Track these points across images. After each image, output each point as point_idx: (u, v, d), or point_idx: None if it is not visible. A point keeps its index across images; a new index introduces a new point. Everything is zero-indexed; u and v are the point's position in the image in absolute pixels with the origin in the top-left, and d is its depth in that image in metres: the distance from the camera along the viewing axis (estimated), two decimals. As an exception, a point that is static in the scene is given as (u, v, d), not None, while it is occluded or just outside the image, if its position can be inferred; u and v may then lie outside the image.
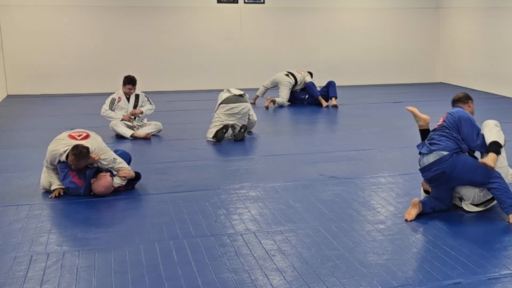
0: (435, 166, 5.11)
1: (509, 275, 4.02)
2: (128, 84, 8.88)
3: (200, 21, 14.07)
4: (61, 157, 5.76)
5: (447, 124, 5.26)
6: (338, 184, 6.20)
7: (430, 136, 5.33)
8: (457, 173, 5.10)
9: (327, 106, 11.57)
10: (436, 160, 5.11)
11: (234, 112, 8.48)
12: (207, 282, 3.94)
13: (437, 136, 5.24)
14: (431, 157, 5.15)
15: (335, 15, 14.86)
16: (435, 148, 5.15)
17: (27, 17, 13.07)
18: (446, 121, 5.30)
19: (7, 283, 3.94)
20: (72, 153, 5.67)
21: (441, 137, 5.20)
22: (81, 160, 5.69)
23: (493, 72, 13.35)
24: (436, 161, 5.11)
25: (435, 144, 5.18)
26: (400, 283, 3.90)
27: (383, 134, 8.90)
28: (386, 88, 14.37)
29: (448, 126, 5.25)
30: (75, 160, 5.68)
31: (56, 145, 5.85)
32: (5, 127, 9.55)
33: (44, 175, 5.98)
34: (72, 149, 5.70)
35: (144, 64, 13.62)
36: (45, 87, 13.23)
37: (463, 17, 14.51)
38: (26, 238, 4.75)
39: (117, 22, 13.64)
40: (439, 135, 5.23)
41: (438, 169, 5.10)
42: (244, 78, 14.25)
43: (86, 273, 4.10)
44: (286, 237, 4.72)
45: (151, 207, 5.55)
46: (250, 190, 6.01)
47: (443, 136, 5.20)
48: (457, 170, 5.08)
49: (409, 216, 5.12)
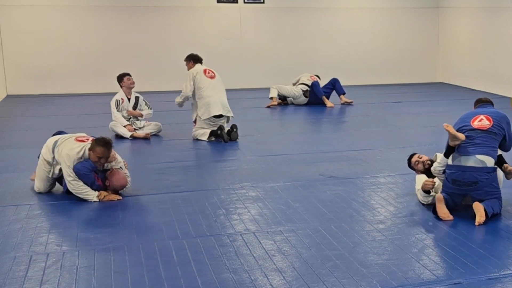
0: (474, 172, 5.00)
1: (509, 275, 4.01)
2: (125, 76, 8.83)
3: (200, 21, 14.07)
4: (78, 156, 5.60)
5: (497, 130, 5.16)
6: (338, 184, 6.20)
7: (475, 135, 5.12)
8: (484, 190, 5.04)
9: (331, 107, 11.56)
10: (478, 167, 5.00)
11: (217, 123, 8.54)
12: (207, 282, 3.93)
13: (484, 140, 5.09)
14: (472, 161, 5.00)
15: (335, 15, 14.86)
16: (481, 151, 5.03)
17: (27, 17, 13.07)
18: (496, 125, 5.17)
19: (6, 283, 3.94)
20: (100, 145, 5.54)
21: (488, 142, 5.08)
22: (110, 149, 5.58)
23: (493, 72, 13.35)
24: (478, 168, 5.00)
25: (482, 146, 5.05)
26: (400, 283, 3.90)
27: (383, 134, 8.90)
28: (386, 88, 14.37)
29: (497, 132, 5.16)
30: (105, 150, 5.54)
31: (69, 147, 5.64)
32: (5, 127, 9.55)
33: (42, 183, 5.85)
34: (96, 141, 5.58)
35: (144, 64, 13.62)
36: (45, 87, 13.23)
37: (463, 17, 14.51)
38: (26, 238, 4.75)
39: (117, 22, 13.64)
40: (486, 139, 5.10)
41: (473, 177, 5.00)
42: (244, 78, 14.26)
43: (86, 273, 4.10)
44: (286, 237, 4.72)
45: (151, 207, 5.55)
46: (250, 190, 6.01)
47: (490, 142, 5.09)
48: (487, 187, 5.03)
49: (446, 215, 5.02)
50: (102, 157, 5.60)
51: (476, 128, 5.18)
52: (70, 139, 5.81)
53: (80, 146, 5.66)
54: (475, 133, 5.15)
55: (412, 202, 5.58)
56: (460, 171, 5.05)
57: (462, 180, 5.05)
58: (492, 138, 5.13)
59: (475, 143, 5.09)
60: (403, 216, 5.20)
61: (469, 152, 5.06)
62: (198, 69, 8.66)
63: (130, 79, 8.87)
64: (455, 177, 5.09)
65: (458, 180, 5.08)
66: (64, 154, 5.62)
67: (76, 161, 5.60)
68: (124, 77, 8.85)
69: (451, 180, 5.13)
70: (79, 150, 5.62)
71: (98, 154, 5.58)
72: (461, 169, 5.05)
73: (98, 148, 5.56)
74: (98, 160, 5.62)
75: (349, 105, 11.76)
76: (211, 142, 8.41)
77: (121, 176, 5.76)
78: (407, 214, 5.27)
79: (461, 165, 5.05)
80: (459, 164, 5.06)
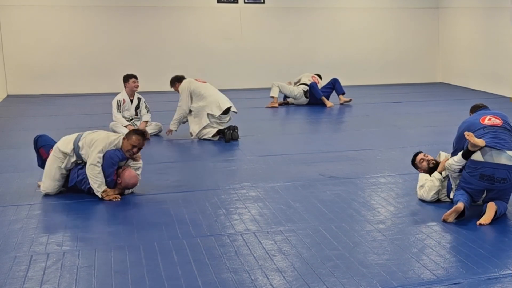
0: (505, 168, 4.95)
1: (509, 275, 4.02)
2: (132, 78, 8.86)
3: (200, 21, 14.07)
4: (114, 143, 5.74)
5: (508, 127, 5.18)
6: (338, 184, 6.20)
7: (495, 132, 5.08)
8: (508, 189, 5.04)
9: (331, 106, 11.57)
10: (509, 165, 4.95)
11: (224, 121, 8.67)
12: (207, 282, 3.93)
13: (506, 137, 5.07)
14: (504, 158, 4.96)
15: (335, 15, 14.86)
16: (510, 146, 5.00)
17: (27, 17, 13.07)
18: (507, 122, 5.19)
19: (7, 283, 3.94)
20: (137, 133, 5.74)
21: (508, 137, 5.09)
22: (144, 140, 5.77)
23: (493, 72, 13.35)
24: (508, 165, 4.96)
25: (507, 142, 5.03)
26: (400, 283, 3.90)
27: (383, 134, 8.90)
28: (386, 88, 14.37)
29: (510, 128, 5.18)
30: (141, 139, 5.72)
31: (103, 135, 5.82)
32: (5, 127, 9.55)
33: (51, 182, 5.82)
34: (134, 131, 5.81)
35: (144, 64, 13.62)
36: (45, 87, 13.23)
37: (463, 17, 14.51)
38: (26, 238, 4.75)
39: (117, 22, 13.64)
40: (507, 135, 5.08)
41: (505, 174, 4.97)
42: (244, 78, 14.26)
43: (86, 273, 4.10)
44: (286, 237, 4.72)
45: (151, 207, 5.55)
46: (250, 190, 6.01)
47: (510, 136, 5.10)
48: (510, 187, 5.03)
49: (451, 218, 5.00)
50: (136, 146, 5.74)
51: (490, 125, 5.15)
52: (102, 131, 6.00)
53: (116, 135, 5.86)
54: (493, 129, 5.12)
55: (412, 202, 5.59)
56: (493, 168, 4.98)
57: (493, 176, 4.99)
58: (509, 135, 5.13)
59: (500, 137, 5.05)
60: (403, 216, 5.20)
61: (499, 147, 5.00)
62: (189, 81, 8.75)
63: (136, 82, 8.90)
64: (486, 173, 5.00)
65: (488, 175, 5.00)
66: (100, 138, 5.76)
67: (109, 148, 5.74)
68: (130, 79, 8.87)
69: (479, 175, 5.03)
70: (115, 138, 5.80)
71: (133, 142, 5.72)
72: (493, 166, 4.97)
73: (134, 136, 5.72)
74: (131, 149, 5.74)
75: (349, 105, 11.75)
76: (210, 142, 8.40)
77: (133, 174, 5.82)
78: (407, 214, 5.27)
79: (494, 162, 4.97)
80: (492, 161, 4.98)
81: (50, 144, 6.13)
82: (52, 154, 5.91)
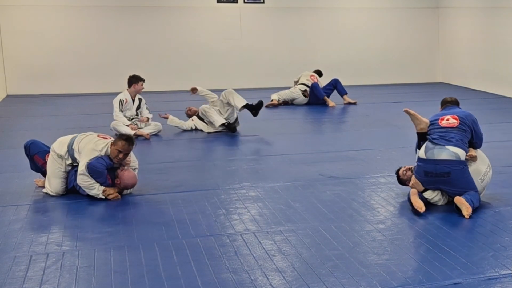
0: (445, 164, 5.15)
1: (509, 275, 4.01)
2: (141, 80, 8.94)
3: (200, 21, 14.07)
4: (101, 153, 5.69)
5: (465, 127, 5.34)
6: (338, 184, 6.20)
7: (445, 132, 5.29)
8: (457, 181, 5.18)
9: (333, 106, 11.57)
10: (449, 160, 5.15)
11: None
12: (207, 282, 3.93)
13: (455, 135, 5.26)
14: (445, 154, 5.16)
15: (335, 15, 14.86)
16: (452, 144, 5.18)
17: (27, 17, 13.07)
18: (463, 123, 5.35)
19: (6, 283, 3.94)
20: (123, 139, 5.67)
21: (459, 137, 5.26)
22: (131, 145, 5.70)
23: (493, 72, 13.35)
24: (449, 160, 5.15)
25: (454, 140, 5.22)
26: (400, 283, 3.90)
27: (383, 134, 8.89)
28: (386, 88, 14.37)
29: (466, 129, 5.34)
30: (126, 144, 5.65)
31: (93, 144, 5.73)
32: (5, 127, 9.55)
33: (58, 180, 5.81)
34: (120, 136, 5.74)
35: (143, 64, 13.61)
36: (45, 87, 13.23)
37: (463, 17, 14.51)
38: (26, 238, 4.75)
39: (117, 22, 13.64)
40: (457, 134, 5.26)
41: (446, 168, 5.15)
42: (243, 78, 14.26)
43: (86, 273, 4.10)
44: (286, 237, 4.72)
45: (151, 207, 5.55)
46: (250, 190, 6.01)
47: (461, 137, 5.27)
48: (460, 180, 5.18)
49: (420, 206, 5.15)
50: (122, 151, 5.67)
51: (445, 127, 5.35)
52: (92, 136, 5.91)
53: (105, 143, 5.77)
54: (446, 130, 5.33)
55: (412, 202, 5.58)
56: (434, 164, 5.20)
57: (435, 172, 5.20)
58: (462, 134, 5.31)
59: (447, 137, 5.26)
60: (403, 216, 5.20)
61: (442, 145, 5.21)
62: None
63: (143, 85, 8.99)
64: (428, 169, 5.24)
65: (430, 172, 5.23)
66: (89, 149, 5.70)
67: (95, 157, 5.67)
68: (139, 81, 8.94)
69: (424, 172, 5.27)
70: (103, 146, 5.73)
71: (119, 148, 5.66)
72: (434, 163, 5.20)
73: (120, 142, 5.66)
74: (117, 155, 5.68)
75: (350, 105, 11.75)
76: (210, 142, 8.40)
77: (132, 175, 5.81)
78: (407, 214, 5.27)
79: (435, 158, 5.20)
80: (433, 158, 5.21)
81: (43, 150, 6.06)
82: (51, 155, 5.92)
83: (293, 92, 11.91)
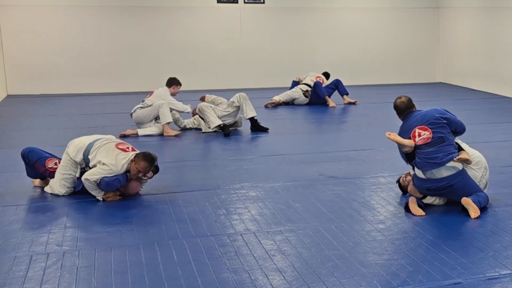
0: (447, 180, 5.14)
1: (509, 275, 4.02)
2: (180, 85, 9.39)
3: (200, 21, 14.07)
4: (120, 171, 5.56)
5: (440, 131, 5.24)
6: (338, 184, 6.20)
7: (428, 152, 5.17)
8: (460, 190, 5.17)
9: (333, 106, 11.57)
10: (450, 176, 5.13)
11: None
12: (207, 282, 3.93)
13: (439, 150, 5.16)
14: (444, 171, 5.13)
15: (335, 15, 14.86)
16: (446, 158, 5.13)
17: (27, 17, 13.07)
18: (436, 130, 5.23)
19: (7, 283, 3.94)
20: (146, 160, 5.53)
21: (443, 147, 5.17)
22: (152, 167, 5.61)
23: (493, 72, 13.35)
24: (450, 176, 5.13)
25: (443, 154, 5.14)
26: (400, 283, 3.90)
27: (383, 134, 8.85)
28: (386, 88, 14.37)
29: (442, 131, 5.24)
30: (148, 166, 5.56)
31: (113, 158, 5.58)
32: (5, 127, 9.55)
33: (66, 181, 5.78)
34: (143, 156, 5.56)
35: (143, 64, 13.63)
36: (45, 87, 13.23)
37: (463, 17, 14.51)
38: (26, 238, 4.75)
39: (117, 22, 13.64)
40: (440, 146, 5.17)
41: (448, 183, 5.14)
42: (243, 78, 14.27)
43: (86, 273, 4.10)
44: (286, 237, 4.72)
45: (151, 207, 5.55)
46: (250, 190, 6.01)
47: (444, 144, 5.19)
48: (463, 188, 5.16)
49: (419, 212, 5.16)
50: (143, 172, 5.61)
51: (422, 144, 5.23)
52: (111, 145, 5.76)
53: (126, 158, 5.61)
54: (427, 152, 5.20)
55: (412, 202, 5.58)
56: (435, 182, 5.19)
57: (437, 187, 5.20)
58: (443, 142, 5.20)
59: (434, 160, 5.16)
60: (403, 216, 5.20)
61: (437, 164, 5.15)
62: None
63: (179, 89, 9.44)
64: (430, 186, 5.22)
65: (433, 188, 5.22)
66: (108, 164, 5.55)
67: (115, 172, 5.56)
68: (179, 85, 9.39)
69: (425, 188, 5.25)
70: (124, 163, 5.58)
71: (140, 168, 5.56)
72: (436, 181, 5.19)
73: (142, 163, 5.55)
74: (137, 173, 5.61)
75: (350, 105, 11.75)
76: (210, 142, 8.40)
77: (136, 184, 5.78)
78: (407, 214, 5.27)
79: (436, 178, 5.17)
80: (433, 178, 5.18)
81: (44, 156, 5.99)
82: (64, 159, 5.82)
83: (294, 92, 11.91)
